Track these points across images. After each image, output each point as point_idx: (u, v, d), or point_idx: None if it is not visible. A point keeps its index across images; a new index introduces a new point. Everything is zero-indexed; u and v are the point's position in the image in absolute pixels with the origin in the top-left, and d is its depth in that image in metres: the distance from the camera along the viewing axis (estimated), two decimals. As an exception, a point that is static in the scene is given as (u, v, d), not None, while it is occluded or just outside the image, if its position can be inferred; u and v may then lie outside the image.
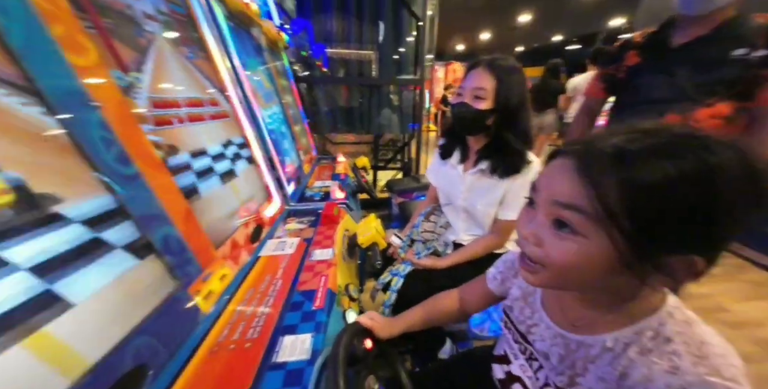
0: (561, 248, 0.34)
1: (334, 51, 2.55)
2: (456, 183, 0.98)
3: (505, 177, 0.87)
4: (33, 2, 0.43)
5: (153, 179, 0.56)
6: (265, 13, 1.59)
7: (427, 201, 1.20)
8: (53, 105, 0.42)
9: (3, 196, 0.34)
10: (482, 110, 0.83)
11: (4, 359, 0.32)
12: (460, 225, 1.02)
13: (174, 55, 0.75)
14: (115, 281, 0.46)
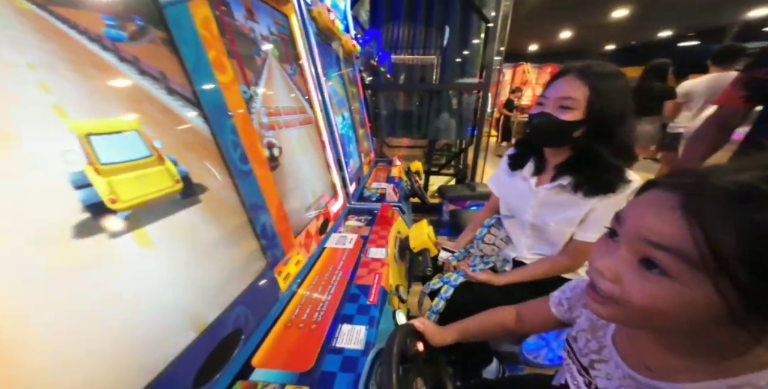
0: (646, 290, 0.31)
1: (398, 57, 2.63)
2: (525, 197, 0.92)
3: (592, 195, 0.78)
4: (200, 33, 0.57)
5: (260, 176, 0.68)
6: (344, 27, 1.74)
7: (485, 211, 1.16)
8: (208, 114, 0.55)
9: (177, 184, 0.46)
10: (568, 122, 0.75)
11: (164, 309, 0.43)
12: (523, 242, 0.97)
13: (278, 70, 0.88)
14: (229, 258, 0.58)
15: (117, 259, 0.38)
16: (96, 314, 0.36)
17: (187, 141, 0.51)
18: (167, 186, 0.44)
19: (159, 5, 0.49)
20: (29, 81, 0.32)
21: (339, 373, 0.55)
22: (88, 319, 0.35)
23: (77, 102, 0.36)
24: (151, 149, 0.42)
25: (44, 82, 0.33)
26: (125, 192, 0.38)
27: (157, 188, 0.42)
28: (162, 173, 0.44)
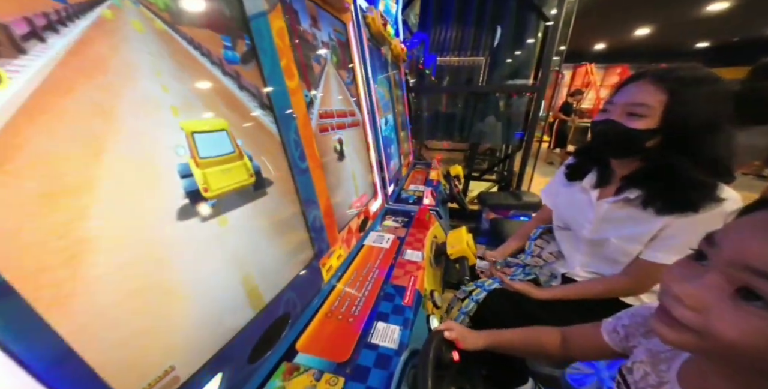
0: (741, 324, 0.28)
1: (444, 59, 2.60)
2: (584, 210, 0.85)
3: (667, 212, 0.70)
4: (276, 43, 0.63)
5: (314, 173, 0.73)
6: (395, 31, 1.78)
7: (533, 222, 1.10)
8: (277, 117, 0.61)
9: (251, 178, 0.52)
10: (637, 130, 0.68)
11: (234, 286, 0.49)
12: (577, 258, 0.90)
13: (334, 75, 0.94)
14: (285, 246, 0.63)
15: (203, 239, 0.44)
16: (184, 285, 0.42)
17: (261, 140, 0.57)
18: (244, 179, 0.50)
19: (246, 18, 0.56)
20: (156, 84, 0.39)
21: (373, 369, 0.58)
22: (180, 288, 0.41)
23: (187, 103, 0.43)
24: (235, 146, 0.48)
25: (166, 86, 0.39)
26: (214, 183, 0.44)
27: (237, 180, 0.49)
28: (241, 167, 0.50)
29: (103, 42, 0.34)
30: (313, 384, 0.53)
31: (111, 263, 0.34)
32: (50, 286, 0.29)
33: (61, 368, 0.29)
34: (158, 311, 0.39)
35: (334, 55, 0.96)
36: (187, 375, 0.42)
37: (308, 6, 0.80)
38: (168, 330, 0.40)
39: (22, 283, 0.27)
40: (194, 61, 0.45)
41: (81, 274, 0.31)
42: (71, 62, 0.31)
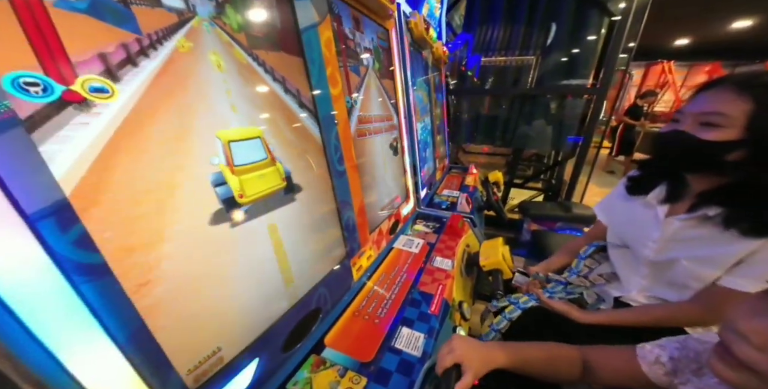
0: None
1: (489, 60, 2.49)
2: (647, 227, 0.76)
3: (756, 235, 0.61)
4: (323, 52, 0.67)
5: (351, 176, 0.76)
6: (438, 34, 1.76)
7: (584, 239, 1.01)
8: (321, 122, 0.65)
9: (282, 182, 0.56)
10: (712, 142, 0.61)
11: (271, 278, 0.53)
12: (635, 281, 0.80)
13: (375, 80, 0.96)
14: (320, 244, 0.67)
15: (247, 236, 0.49)
16: (233, 274, 0.47)
17: (306, 144, 0.62)
18: (276, 183, 0.54)
19: (299, 30, 0.60)
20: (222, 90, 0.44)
21: (395, 373, 0.58)
22: (230, 278, 0.46)
23: (245, 109, 0.48)
24: (268, 152, 0.52)
25: (230, 90, 0.45)
26: (249, 189, 0.48)
27: (270, 185, 0.53)
28: (274, 172, 0.54)
29: (188, 48, 0.40)
30: (337, 380, 0.56)
31: (180, 253, 0.39)
32: (136, 270, 0.35)
33: (136, 341, 0.34)
34: (213, 296, 0.44)
35: (376, 61, 0.98)
36: (230, 357, 0.47)
37: (354, 15, 0.84)
38: (219, 314, 0.45)
39: (116, 265, 0.33)
40: (255, 73, 0.50)
41: (158, 261, 0.37)
42: (164, 73, 0.37)
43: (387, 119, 1.05)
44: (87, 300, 0.30)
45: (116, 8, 0.34)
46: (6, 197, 0.26)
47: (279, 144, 0.55)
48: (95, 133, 0.32)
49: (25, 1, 0.27)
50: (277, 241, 0.56)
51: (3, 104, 0.26)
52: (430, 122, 1.67)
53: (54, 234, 0.28)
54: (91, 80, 0.32)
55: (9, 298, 0.26)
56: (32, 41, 0.28)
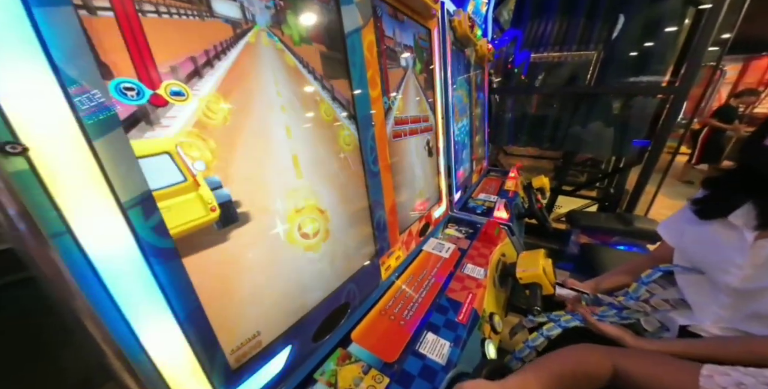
0: None
1: (540, 56, 2.30)
2: (729, 251, 0.67)
3: None
4: (365, 55, 0.68)
5: (384, 176, 0.77)
6: (483, 31, 1.69)
7: (647, 260, 0.88)
8: (359, 124, 0.67)
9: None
10: None
11: (306, 270, 0.57)
12: (711, 311, 0.68)
13: (413, 81, 0.96)
14: (351, 242, 0.69)
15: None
16: (276, 265, 0.51)
17: (344, 146, 0.64)
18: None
19: (344, 34, 0.62)
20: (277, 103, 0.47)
21: (417, 378, 0.58)
22: (265, 271, 0.50)
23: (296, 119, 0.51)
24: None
25: (284, 106, 0.48)
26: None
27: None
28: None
29: (247, 59, 0.44)
30: (360, 376, 0.57)
31: (234, 244, 0.44)
32: (200, 257, 0.39)
33: (192, 318, 0.39)
34: (256, 285, 0.48)
35: (417, 61, 0.97)
36: (267, 342, 0.51)
37: (397, 16, 0.84)
38: (260, 302, 0.49)
39: (183, 252, 0.37)
40: (302, 77, 0.53)
41: (217, 250, 0.41)
42: (228, 76, 0.41)
43: (423, 120, 1.04)
44: (158, 278, 0.35)
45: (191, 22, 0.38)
46: (107, 186, 0.31)
47: (316, 144, 0.58)
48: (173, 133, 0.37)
49: (126, 16, 0.32)
50: (315, 234, 0.59)
51: (110, 109, 0.31)
52: (469, 122, 1.61)
53: (139, 220, 0.33)
54: (172, 85, 0.37)
55: (102, 270, 0.31)
56: (131, 52, 0.33)
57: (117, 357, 0.33)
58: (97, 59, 0.30)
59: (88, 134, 0.30)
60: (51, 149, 0.28)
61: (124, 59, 0.32)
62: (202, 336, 0.41)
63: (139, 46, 0.34)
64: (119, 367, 0.33)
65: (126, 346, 0.33)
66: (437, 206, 1.19)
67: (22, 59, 0.26)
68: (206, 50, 0.40)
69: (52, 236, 0.28)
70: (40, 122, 0.27)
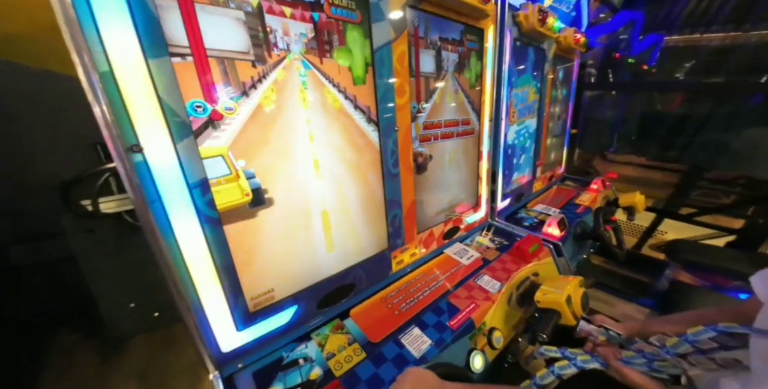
0: None
1: (685, 38, 1.75)
2: None
3: None
4: (394, 67, 0.74)
5: (404, 178, 0.82)
6: (570, 21, 1.45)
7: (722, 313, 0.68)
8: (381, 130, 0.74)
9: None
10: None
11: (321, 246, 0.69)
12: None
13: (453, 84, 0.95)
14: (365, 232, 0.78)
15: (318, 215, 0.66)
16: (288, 238, 0.65)
17: (364, 149, 0.73)
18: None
19: (372, 49, 0.69)
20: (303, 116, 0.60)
21: (389, 362, 0.64)
22: (285, 240, 0.65)
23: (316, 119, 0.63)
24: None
25: (309, 119, 0.61)
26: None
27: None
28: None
29: (282, 73, 0.57)
30: (345, 345, 0.68)
31: (262, 216, 0.59)
32: (236, 225, 0.56)
33: (226, 268, 0.56)
34: (276, 251, 0.63)
35: (460, 64, 0.95)
36: (279, 298, 0.66)
37: (439, 22, 0.85)
38: (276, 266, 0.64)
39: (225, 221, 0.55)
40: (325, 89, 0.64)
41: (248, 220, 0.58)
42: (268, 93, 0.56)
43: (463, 124, 1.02)
44: (207, 237, 0.53)
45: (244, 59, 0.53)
46: (180, 171, 0.49)
47: (340, 144, 0.68)
48: (225, 138, 0.53)
49: (199, 58, 0.49)
50: (327, 221, 0.71)
51: (184, 123, 0.49)
52: (537, 123, 1.44)
53: (199, 196, 0.51)
54: (226, 102, 0.53)
55: (178, 230, 0.50)
56: (201, 81, 0.50)
57: (179, 293, 0.52)
58: (179, 88, 0.47)
59: (174, 139, 0.48)
60: (154, 148, 0.46)
61: (196, 87, 0.49)
62: (231, 282, 0.58)
63: (206, 77, 0.50)
64: (180, 301, 0.52)
65: (185, 284, 0.52)
66: (472, 212, 1.15)
67: (142, 92, 0.44)
68: (252, 76, 0.54)
69: (150, 202, 0.47)
70: (149, 131, 0.46)
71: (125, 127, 0.43)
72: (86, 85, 0.40)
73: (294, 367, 0.63)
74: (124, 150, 0.44)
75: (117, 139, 0.43)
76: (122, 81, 0.42)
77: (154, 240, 0.48)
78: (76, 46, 0.39)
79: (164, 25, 0.44)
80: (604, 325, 0.74)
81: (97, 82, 0.40)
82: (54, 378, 1.29)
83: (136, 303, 1.45)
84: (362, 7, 0.65)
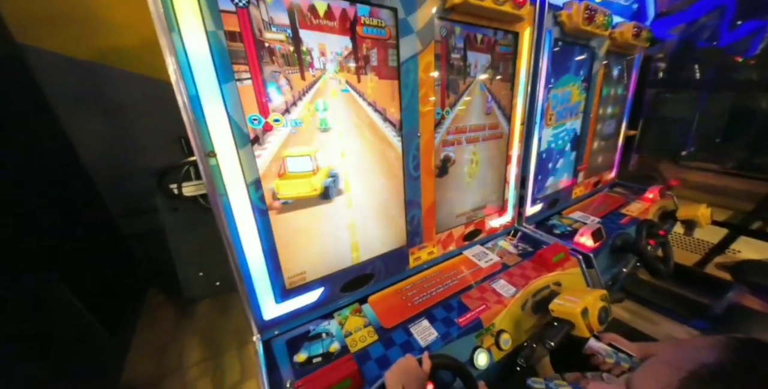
0: None
1: None
2: None
3: None
4: (419, 77, 0.79)
5: (424, 181, 0.88)
6: (628, 14, 1.30)
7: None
8: (404, 137, 0.80)
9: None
10: None
11: (345, 238, 0.80)
12: None
13: (481, 89, 0.95)
14: (385, 229, 0.87)
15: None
16: (318, 230, 0.77)
17: (387, 154, 0.80)
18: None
19: (399, 62, 0.76)
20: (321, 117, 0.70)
21: (396, 346, 0.72)
22: (317, 231, 0.76)
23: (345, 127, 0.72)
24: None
25: (328, 119, 0.70)
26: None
27: None
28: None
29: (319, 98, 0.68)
30: (361, 327, 0.77)
31: (298, 209, 0.71)
32: (280, 216, 0.69)
33: (270, 250, 0.69)
34: (309, 241, 0.75)
35: (490, 69, 0.95)
36: (309, 280, 0.78)
37: (468, 30, 0.86)
38: (308, 253, 0.76)
39: (270, 212, 0.67)
40: (358, 105, 0.73)
41: (290, 211, 0.70)
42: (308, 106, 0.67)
43: (490, 128, 1.02)
44: (260, 226, 0.66)
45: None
46: (241, 172, 0.63)
47: (363, 146, 0.77)
48: (273, 147, 0.66)
49: (257, 80, 0.61)
50: (352, 217, 0.81)
51: (245, 134, 0.62)
52: (582, 125, 1.34)
53: (253, 192, 0.64)
54: (275, 115, 0.65)
55: (237, 218, 0.63)
56: (258, 99, 0.62)
57: (236, 267, 0.66)
58: (242, 105, 0.60)
59: (237, 146, 0.61)
60: (223, 153, 0.60)
61: (253, 104, 0.61)
62: (274, 263, 0.71)
63: (261, 96, 0.62)
64: (236, 273, 0.67)
65: (240, 260, 0.66)
66: (496, 216, 1.15)
67: (217, 109, 0.57)
68: (297, 92, 0.65)
69: (220, 195, 0.61)
70: (219, 140, 0.59)
71: (205, 137, 0.57)
72: (181, 105, 0.54)
73: (317, 340, 0.74)
74: (204, 155, 0.58)
75: (199, 146, 0.57)
76: (205, 101, 0.55)
77: (220, 223, 0.62)
78: (175, 76, 0.52)
79: (233, 58, 0.57)
80: (614, 344, 0.71)
81: (188, 102, 0.54)
82: (147, 324, 1.65)
83: (204, 273, 1.76)
84: (391, 23, 0.71)
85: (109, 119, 1.62)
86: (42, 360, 0.96)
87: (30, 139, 1.30)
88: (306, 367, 0.67)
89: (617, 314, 1.40)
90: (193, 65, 0.53)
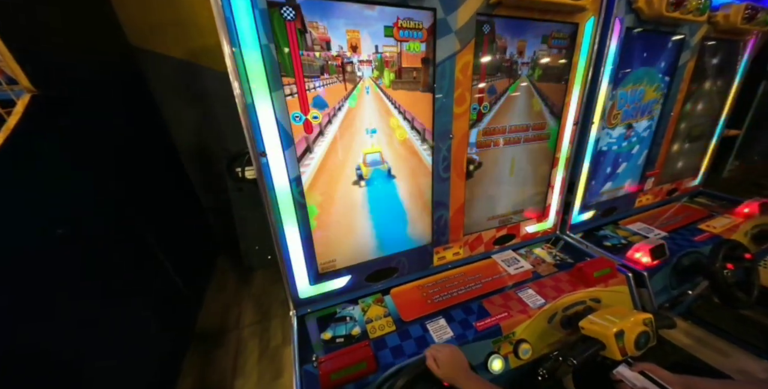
0: None
1: None
2: None
3: None
4: (456, 77, 0.77)
5: (454, 182, 0.88)
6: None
7: None
8: (435, 140, 0.81)
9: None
10: None
11: (368, 234, 0.86)
12: None
13: (526, 88, 0.88)
14: (411, 226, 0.90)
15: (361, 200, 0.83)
16: (348, 223, 0.84)
17: (418, 154, 0.82)
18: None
19: (435, 63, 0.75)
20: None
21: (412, 340, 0.76)
22: (347, 224, 0.83)
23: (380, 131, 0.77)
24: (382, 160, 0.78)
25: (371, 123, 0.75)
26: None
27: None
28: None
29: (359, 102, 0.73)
30: (381, 316, 0.83)
31: (337, 204, 0.79)
32: (317, 208, 0.78)
33: (306, 238, 0.79)
34: (339, 232, 0.83)
35: (539, 66, 0.87)
36: (338, 267, 0.86)
37: (516, 24, 0.80)
38: (339, 243, 0.84)
39: (309, 204, 0.76)
40: (385, 106, 0.75)
41: (326, 206, 0.79)
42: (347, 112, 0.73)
43: (534, 128, 0.95)
44: (298, 216, 0.76)
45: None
46: (285, 169, 0.72)
47: (394, 144, 0.80)
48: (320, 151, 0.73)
49: (301, 90, 0.68)
50: (383, 207, 0.86)
51: (287, 134, 0.70)
52: (657, 124, 1.15)
53: (294, 187, 0.73)
54: (313, 113, 0.71)
55: (281, 208, 0.73)
56: (300, 101, 0.69)
57: (279, 249, 0.77)
58: (288, 110, 0.68)
59: (283, 148, 0.70)
60: (271, 153, 0.69)
61: (296, 105, 0.69)
62: (309, 249, 0.80)
63: (303, 99, 0.69)
64: (279, 255, 0.77)
65: (282, 243, 0.77)
66: (534, 222, 1.08)
67: (268, 115, 0.66)
68: (337, 98, 0.71)
69: (269, 189, 0.71)
70: (269, 141, 0.68)
71: (258, 138, 0.66)
72: (240, 111, 0.63)
73: (342, 322, 0.82)
74: (257, 155, 0.67)
75: (254, 147, 0.67)
76: (259, 108, 0.63)
77: (268, 211, 0.73)
78: (239, 85, 0.61)
79: (282, 69, 0.64)
80: (648, 374, 0.64)
81: (244, 110, 0.63)
82: (216, 290, 2.00)
83: (260, 246, 2.02)
84: (428, 24, 0.71)
85: (196, 109, 1.92)
86: (144, 308, 1.26)
87: (140, 123, 1.63)
88: (329, 345, 0.75)
89: (676, 339, 1.22)
90: (249, 74, 0.60)
